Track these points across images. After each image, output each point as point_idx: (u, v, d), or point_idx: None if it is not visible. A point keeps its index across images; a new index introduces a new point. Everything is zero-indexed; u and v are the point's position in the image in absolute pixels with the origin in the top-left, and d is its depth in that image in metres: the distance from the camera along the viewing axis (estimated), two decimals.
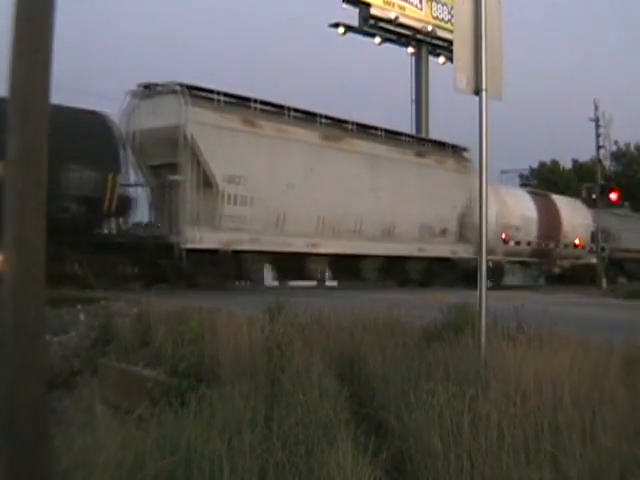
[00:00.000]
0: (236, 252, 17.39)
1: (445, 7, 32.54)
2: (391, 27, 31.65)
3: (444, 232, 23.97)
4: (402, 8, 31.60)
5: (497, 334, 5.66)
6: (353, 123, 21.20)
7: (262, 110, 18.40)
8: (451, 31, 8.20)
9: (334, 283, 23.25)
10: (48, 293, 3.33)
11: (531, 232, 28.76)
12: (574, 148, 72.14)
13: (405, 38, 32.52)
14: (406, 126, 31.35)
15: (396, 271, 22.64)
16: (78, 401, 7.89)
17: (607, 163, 38.34)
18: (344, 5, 30.55)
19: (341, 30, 31.45)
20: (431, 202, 22.79)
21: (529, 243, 28.76)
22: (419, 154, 23.59)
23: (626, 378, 4.55)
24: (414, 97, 32.82)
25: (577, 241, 31.85)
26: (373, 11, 30.65)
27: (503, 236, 27.27)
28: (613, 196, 32.63)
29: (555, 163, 57.77)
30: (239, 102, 18.11)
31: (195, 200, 16.47)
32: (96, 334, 9.84)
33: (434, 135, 31.10)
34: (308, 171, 18.90)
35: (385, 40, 32.31)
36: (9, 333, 3.14)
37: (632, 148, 55.98)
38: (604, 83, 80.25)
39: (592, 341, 5.48)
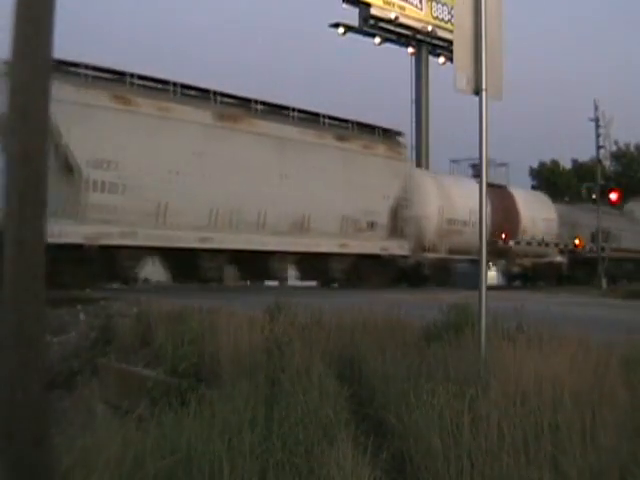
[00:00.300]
0: (107, 247, 15.29)
1: (445, 7, 32.59)
2: (391, 27, 31.71)
3: (372, 226, 21.32)
4: (402, 8, 31.65)
5: (497, 334, 5.66)
6: (258, 102, 18.71)
7: (141, 86, 16.34)
8: (451, 31, 8.20)
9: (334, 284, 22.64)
10: (48, 293, 3.33)
11: None
12: (574, 148, 72.14)
13: (405, 38, 32.58)
14: (406, 126, 31.38)
15: (316, 270, 20.56)
16: (78, 401, 7.89)
17: (607, 163, 38.31)
18: (344, 5, 30.63)
19: (341, 30, 31.52)
20: (356, 192, 20.37)
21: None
22: (341, 138, 20.86)
23: (626, 378, 4.55)
24: (414, 97, 32.89)
25: (577, 241, 30.17)
26: (373, 11, 30.71)
27: (503, 236, 26.65)
28: (613, 196, 32.39)
29: (555, 163, 57.85)
30: (111, 77, 16.03)
31: (54, 188, 14.28)
32: (96, 334, 9.83)
33: (434, 135, 31.13)
34: (197, 155, 16.59)
35: (385, 40, 32.38)
36: (9, 333, 3.14)
37: (632, 148, 56.05)
38: (604, 83, 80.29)
39: (592, 341, 5.48)
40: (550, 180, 54.35)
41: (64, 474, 3.40)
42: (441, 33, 32.02)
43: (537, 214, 29.30)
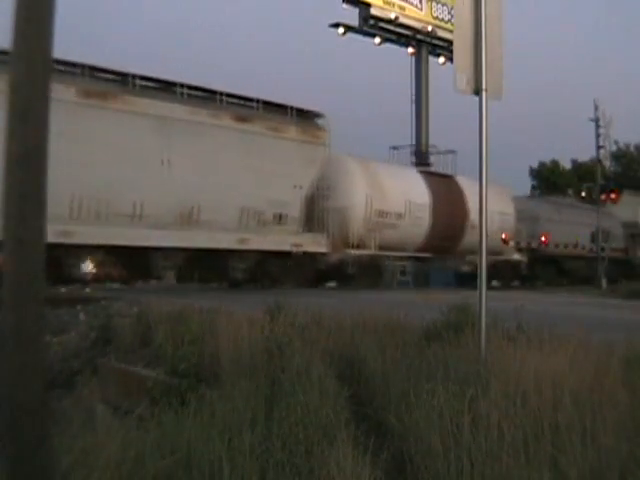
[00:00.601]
0: None
1: (445, 7, 32.60)
2: (391, 27, 31.71)
3: (280, 218, 18.67)
4: (402, 8, 31.65)
5: (497, 334, 5.66)
6: (136, 77, 16.35)
7: None
8: (451, 31, 8.21)
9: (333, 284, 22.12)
10: (48, 293, 3.33)
11: (421, 221, 23.10)
12: (574, 148, 72.14)
13: (405, 38, 32.58)
14: (406, 126, 31.38)
15: (213, 269, 18.14)
16: (78, 401, 7.89)
17: (607, 163, 38.26)
18: (344, 5, 30.61)
19: (341, 30, 31.51)
20: (259, 180, 17.77)
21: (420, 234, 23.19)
22: (242, 118, 18.13)
23: (626, 378, 4.54)
24: (414, 97, 32.87)
25: (503, 235, 26.09)
26: (373, 11, 30.71)
27: (503, 236, 26.21)
28: (612, 196, 32.31)
29: (555, 163, 57.88)
30: None
31: None
32: (96, 334, 9.84)
33: (434, 135, 31.06)
34: (55, 136, 14.28)
35: (385, 40, 32.37)
36: (9, 333, 3.13)
37: (632, 148, 56.09)
38: (604, 83, 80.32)
39: (592, 341, 5.48)
40: (550, 180, 54.41)
41: (64, 474, 3.40)
42: (441, 33, 32.02)
43: (490, 207, 26.63)
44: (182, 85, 17.32)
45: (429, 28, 32.24)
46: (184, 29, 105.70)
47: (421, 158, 30.78)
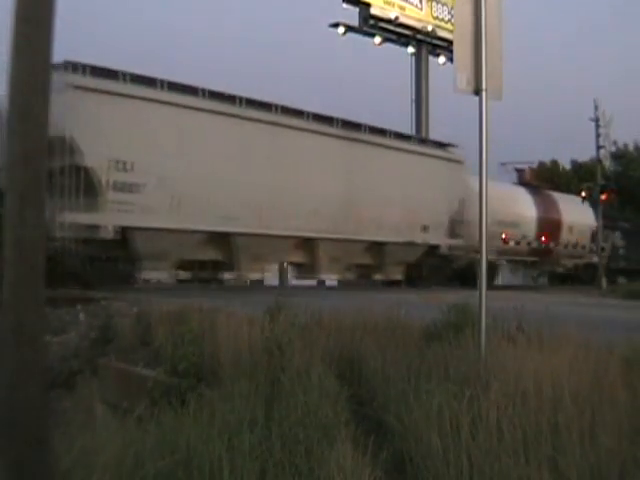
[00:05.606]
0: None
1: (445, 7, 32.55)
2: (391, 27, 31.63)
3: None
4: (402, 8, 31.60)
5: (497, 334, 5.66)
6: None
7: None
8: (451, 31, 8.21)
9: (334, 283, 22.53)
10: (48, 293, 3.32)
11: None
12: (574, 148, 72.15)
13: (405, 38, 32.51)
14: (406, 126, 31.34)
15: None
16: (78, 401, 7.88)
17: (607, 163, 38.16)
18: (344, 5, 30.53)
19: (341, 30, 31.42)
20: None
21: None
22: None
23: (626, 378, 4.54)
24: (414, 97, 32.81)
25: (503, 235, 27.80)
26: (373, 11, 30.63)
27: (503, 236, 26.43)
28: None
29: (555, 163, 57.79)
30: None
31: None
32: (96, 334, 9.83)
33: (435, 135, 31.01)
34: None
35: (385, 40, 32.29)
36: (9, 333, 3.14)
37: (632, 148, 56.02)
38: (604, 83, 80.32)
39: (592, 341, 5.48)
40: (550, 180, 54.31)
41: (64, 474, 3.40)
42: (441, 33, 31.97)
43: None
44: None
45: (429, 28, 32.19)
46: (179, 27, 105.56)
47: None
